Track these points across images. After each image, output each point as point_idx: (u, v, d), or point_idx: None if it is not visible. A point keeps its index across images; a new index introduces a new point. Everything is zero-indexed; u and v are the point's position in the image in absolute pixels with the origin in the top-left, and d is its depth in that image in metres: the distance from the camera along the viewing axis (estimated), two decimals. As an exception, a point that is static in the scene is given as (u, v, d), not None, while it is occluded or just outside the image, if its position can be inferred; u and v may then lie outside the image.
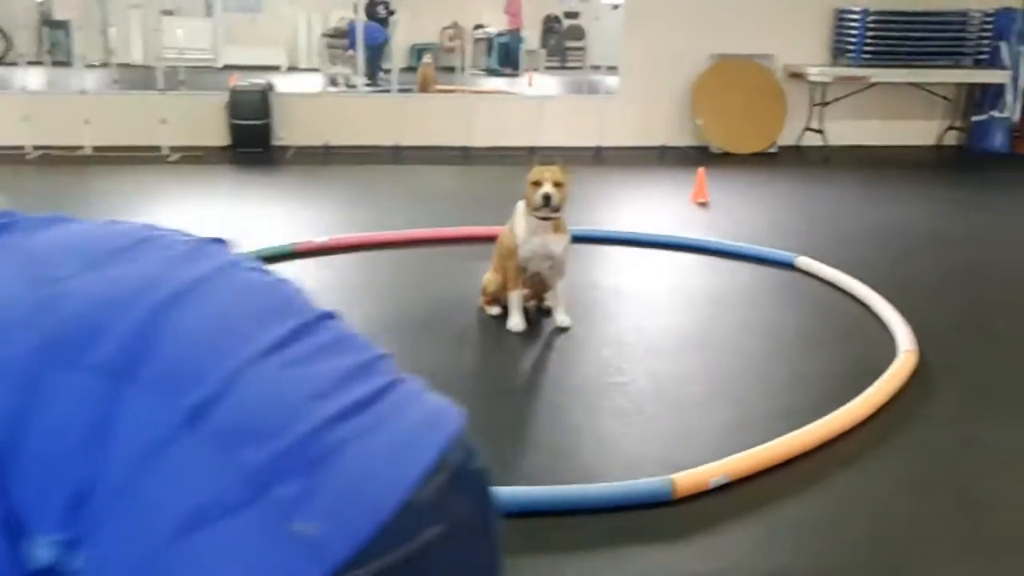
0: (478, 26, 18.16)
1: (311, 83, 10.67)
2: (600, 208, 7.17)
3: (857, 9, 9.56)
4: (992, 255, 6.07)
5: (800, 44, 9.88)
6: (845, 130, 9.89)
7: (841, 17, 9.79)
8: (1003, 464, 3.27)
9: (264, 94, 9.10)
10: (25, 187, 7.75)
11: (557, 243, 4.39)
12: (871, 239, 6.36)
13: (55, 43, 15.59)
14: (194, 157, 8.83)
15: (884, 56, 9.56)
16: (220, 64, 16.56)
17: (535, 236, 4.35)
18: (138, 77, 9.45)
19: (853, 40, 9.56)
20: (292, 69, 16.08)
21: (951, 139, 10.45)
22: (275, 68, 13.88)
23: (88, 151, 8.82)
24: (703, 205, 7.29)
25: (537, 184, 4.28)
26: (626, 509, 2.88)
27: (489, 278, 4.61)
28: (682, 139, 9.90)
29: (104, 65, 9.50)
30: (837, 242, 6.22)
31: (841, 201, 7.69)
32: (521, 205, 4.38)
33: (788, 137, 9.94)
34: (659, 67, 9.64)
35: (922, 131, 10.35)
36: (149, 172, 8.28)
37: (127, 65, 10.78)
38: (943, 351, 4.25)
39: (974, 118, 10.16)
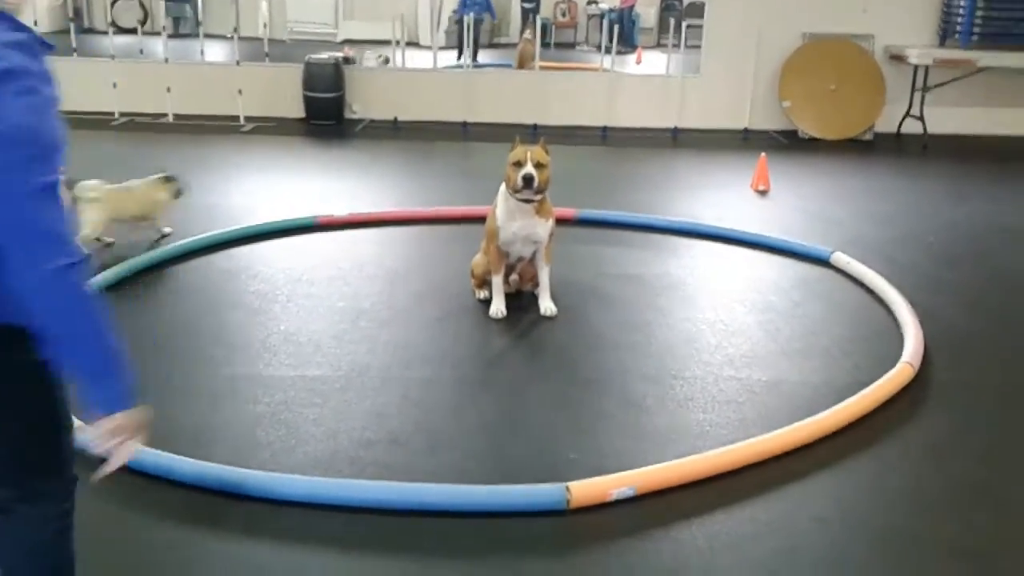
0: (591, 1, 17.81)
1: (428, 60, 10.58)
2: (642, 190, 6.85)
3: (966, -13, 8.77)
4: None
5: (903, 23, 9.14)
6: (948, 118, 9.10)
7: (949, -5, 9.01)
8: (936, 507, 2.86)
9: (338, 67, 9.13)
10: (108, 151, 8.05)
11: (541, 226, 4.17)
12: (935, 236, 5.82)
13: (178, 16, 16.27)
14: (268, 128, 8.98)
15: (994, 38, 8.75)
16: (339, 39, 16.86)
17: (516, 219, 4.14)
18: (260, 49, 9.71)
19: (960, 20, 8.78)
20: (411, 44, 16.12)
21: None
22: (390, 43, 13.87)
23: (170, 119, 9.10)
24: (763, 193, 6.86)
25: (518, 164, 4.06)
26: (517, 516, 2.69)
27: (477, 260, 4.44)
28: (769, 123, 9.38)
29: (230, 38, 9.90)
30: (896, 239, 5.71)
31: (924, 194, 7.08)
32: (504, 187, 4.18)
33: (887, 124, 9.25)
34: (746, 46, 9.13)
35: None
36: (224, 141, 8.46)
37: (252, 38, 11.09)
38: (959, 367, 3.82)
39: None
